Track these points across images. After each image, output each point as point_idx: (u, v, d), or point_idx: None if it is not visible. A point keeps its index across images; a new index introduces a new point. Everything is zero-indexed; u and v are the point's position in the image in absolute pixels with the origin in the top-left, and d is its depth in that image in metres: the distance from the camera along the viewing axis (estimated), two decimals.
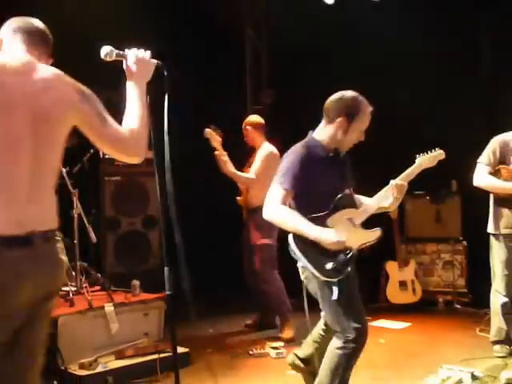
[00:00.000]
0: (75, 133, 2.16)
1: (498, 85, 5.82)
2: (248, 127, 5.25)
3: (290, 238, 2.88)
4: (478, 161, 4.27)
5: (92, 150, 4.93)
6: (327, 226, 2.84)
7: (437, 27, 6.08)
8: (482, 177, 4.21)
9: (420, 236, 6.49)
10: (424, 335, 5.13)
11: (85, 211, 4.68)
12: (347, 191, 2.98)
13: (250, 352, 4.49)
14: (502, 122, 4.31)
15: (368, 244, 2.95)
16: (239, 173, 5.01)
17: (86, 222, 4.59)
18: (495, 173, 4.19)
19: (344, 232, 2.80)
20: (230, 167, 4.90)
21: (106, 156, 5.44)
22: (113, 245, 5.68)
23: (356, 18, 6.19)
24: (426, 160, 3.16)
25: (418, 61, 6.21)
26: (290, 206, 2.93)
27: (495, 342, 4.29)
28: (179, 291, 3.23)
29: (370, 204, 3.11)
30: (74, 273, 4.57)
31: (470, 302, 6.04)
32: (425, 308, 6.08)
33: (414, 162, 3.23)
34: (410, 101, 6.20)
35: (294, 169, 2.88)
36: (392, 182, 3.09)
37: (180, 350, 4.11)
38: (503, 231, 4.18)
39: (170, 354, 3.86)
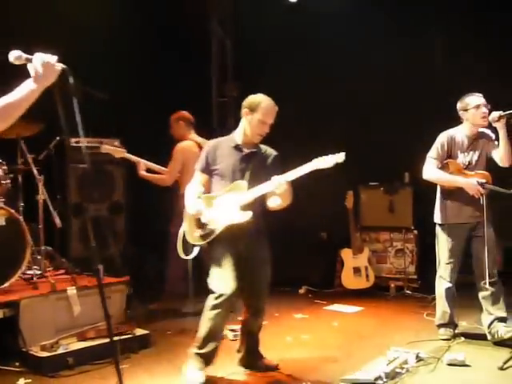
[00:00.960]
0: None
1: (451, 78, 5.90)
2: (181, 122, 5.29)
3: None
4: (427, 155, 4.30)
5: (58, 137, 4.83)
6: (213, 204, 3.38)
7: (397, 27, 6.18)
8: (431, 170, 4.23)
9: (374, 225, 6.53)
10: (375, 319, 5.17)
11: (51, 197, 4.62)
12: (238, 180, 3.32)
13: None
14: (453, 116, 4.35)
15: (238, 222, 3.26)
16: (149, 175, 5.03)
17: (51, 207, 4.53)
18: (443, 166, 4.23)
19: (214, 209, 3.31)
20: (140, 170, 4.97)
21: (73, 143, 5.32)
22: (78, 230, 5.56)
23: (318, 17, 6.28)
24: (321, 161, 3.21)
25: (375, 56, 6.31)
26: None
27: (440, 326, 4.34)
28: (142, 275, 3.24)
29: (250, 193, 3.31)
30: (38, 257, 4.53)
31: (420, 288, 6.11)
32: (377, 293, 6.14)
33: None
34: (366, 94, 6.31)
35: (204, 157, 3.48)
36: (274, 178, 3.23)
37: (140, 332, 4.12)
38: (449, 221, 4.23)
39: (132, 335, 4.03)
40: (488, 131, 4.30)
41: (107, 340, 3.73)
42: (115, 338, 3.77)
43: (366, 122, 6.48)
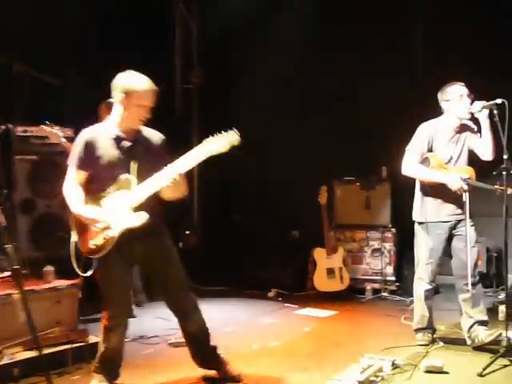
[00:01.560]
0: None
1: (427, 70, 5.99)
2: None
3: None
4: (406, 148, 4.29)
5: (3, 127, 4.71)
6: (101, 206, 3.13)
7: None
8: (410, 165, 4.23)
9: (349, 223, 6.58)
10: (349, 324, 5.19)
11: None
12: (124, 175, 3.13)
13: (169, 341, 4.41)
14: (430, 107, 4.38)
15: (134, 226, 3.08)
16: None
17: None
18: (423, 161, 4.23)
19: (106, 213, 3.09)
20: None
21: (20, 133, 5.19)
22: (27, 228, 5.41)
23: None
24: (212, 144, 2.99)
25: (344, 47, 6.43)
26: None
27: (418, 330, 4.35)
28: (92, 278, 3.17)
29: (142, 190, 3.15)
30: None
31: (398, 290, 6.20)
32: (352, 296, 6.19)
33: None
34: (339, 87, 6.43)
35: (79, 151, 3.20)
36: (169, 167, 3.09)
37: (94, 339, 3.97)
38: (429, 219, 4.23)
39: (84, 343, 3.90)
40: (470, 123, 4.31)
41: (57, 349, 3.78)
42: (66, 347, 3.81)
43: (341, 114, 6.51)
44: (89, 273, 3.16)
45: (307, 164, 6.50)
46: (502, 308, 4.74)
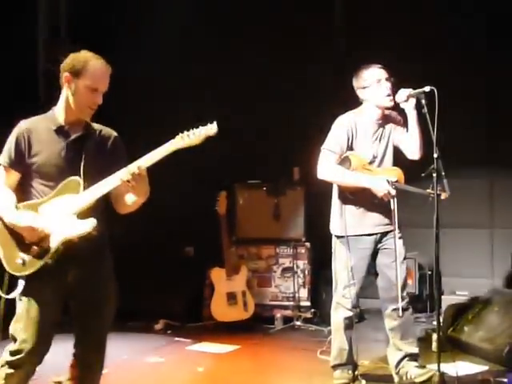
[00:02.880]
0: None
1: (348, 60, 6.12)
2: None
3: None
4: (322, 147, 4.27)
5: None
6: (37, 212, 3.02)
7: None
8: (327, 167, 4.21)
9: (254, 236, 6.60)
10: (254, 361, 5.21)
11: None
12: (68, 176, 3.05)
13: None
14: (350, 100, 4.42)
15: (76, 237, 2.99)
16: None
17: None
18: (343, 161, 4.22)
19: (45, 220, 2.98)
20: None
21: None
22: None
23: None
24: (185, 138, 2.99)
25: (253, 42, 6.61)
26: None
27: (336, 366, 4.34)
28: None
29: (89, 194, 3.05)
30: None
31: (314, 319, 6.26)
32: (258, 327, 6.21)
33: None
34: (240, 74, 6.58)
35: (9, 146, 3.12)
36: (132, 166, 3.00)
37: None
38: (350, 232, 4.22)
39: None
40: (394, 113, 4.40)
41: None
42: None
43: (244, 106, 6.64)
44: (14, 293, 3.02)
45: (203, 165, 6.46)
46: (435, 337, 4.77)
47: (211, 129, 2.99)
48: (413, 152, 4.31)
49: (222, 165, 6.46)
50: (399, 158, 4.39)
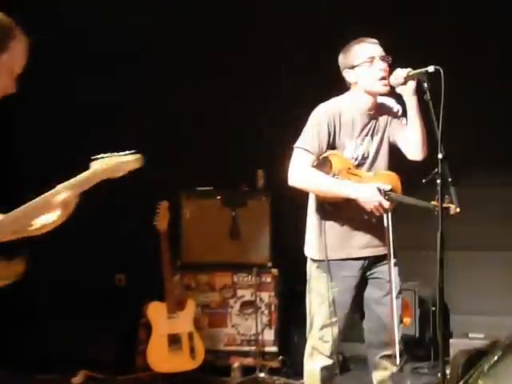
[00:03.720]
0: None
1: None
2: None
3: None
4: (295, 144, 4.25)
5: None
6: None
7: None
8: (301, 171, 4.19)
9: (204, 260, 6.57)
10: None
11: None
12: None
13: None
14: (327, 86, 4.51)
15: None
16: None
17: None
18: (322, 164, 4.19)
19: None
20: None
21: None
22: None
23: None
24: (105, 165, 3.06)
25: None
26: None
27: None
28: None
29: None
30: None
31: (282, 368, 6.29)
32: (210, 379, 6.21)
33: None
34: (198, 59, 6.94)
35: None
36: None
37: None
38: (330, 255, 4.21)
39: None
40: (391, 101, 4.42)
41: None
42: None
43: (198, 95, 6.82)
44: None
45: (142, 169, 6.47)
46: None
47: (133, 161, 3.09)
48: (414, 151, 4.30)
49: (163, 167, 6.45)
50: (395, 160, 4.42)
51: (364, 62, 4.24)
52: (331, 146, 4.26)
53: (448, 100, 3.63)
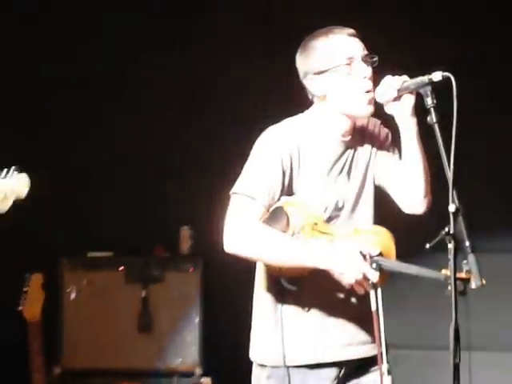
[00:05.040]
0: None
1: None
2: None
3: None
4: (233, 190, 4.24)
5: None
6: None
7: None
8: (244, 230, 4.18)
9: (97, 366, 6.84)
10: None
11: None
12: None
13: None
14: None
15: None
16: None
17: None
18: (274, 217, 4.21)
19: None
20: None
21: None
22: None
23: None
24: None
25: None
26: None
27: None
28: None
29: None
30: None
31: None
32: None
33: None
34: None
35: None
36: None
37: None
38: (290, 359, 4.23)
39: None
40: (377, 123, 4.46)
41: None
42: None
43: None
44: None
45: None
46: None
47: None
48: (412, 200, 4.33)
49: (38, 224, 6.73)
50: (386, 207, 4.44)
51: (337, 65, 4.24)
52: (287, 190, 4.26)
53: (462, 123, 3.61)
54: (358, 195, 4.40)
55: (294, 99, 4.36)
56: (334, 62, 4.25)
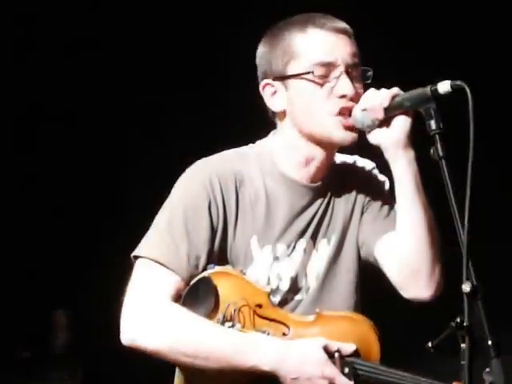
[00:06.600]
0: None
1: None
2: None
3: None
4: (137, 252, 3.63)
5: None
6: None
7: None
8: (153, 313, 3.58)
9: None
10: None
11: None
12: None
13: None
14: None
15: None
16: None
17: None
18: (197, 294, 3.84)
19: None
20: None
21: None
22: None
23: None
24: None
25: None
26: None
27: None
28: None
29: None
30: None
31: None
32: None
33: None
34: None
35: None
36: None
37: None
38: None
39: None
40: (366, 164, 3.88)
41: None
42: None
43: None
44: None
45: None
46: None
47: None
48: (412, 281, 3.65)
49: None
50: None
51: (306, 71, 3.48)
52: (219, 254, 3.57)
53: (478, 159, 2.85)
54: (330, 267, 3.65)
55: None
56: (302, 65, 3.52)
